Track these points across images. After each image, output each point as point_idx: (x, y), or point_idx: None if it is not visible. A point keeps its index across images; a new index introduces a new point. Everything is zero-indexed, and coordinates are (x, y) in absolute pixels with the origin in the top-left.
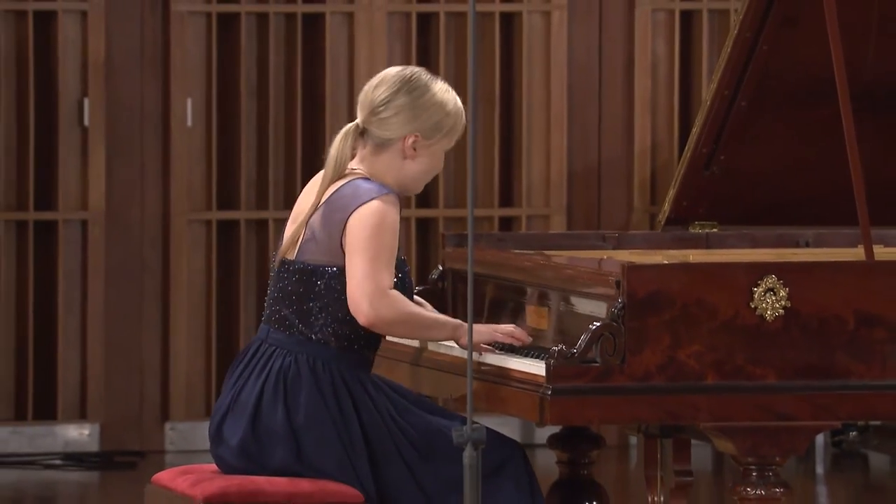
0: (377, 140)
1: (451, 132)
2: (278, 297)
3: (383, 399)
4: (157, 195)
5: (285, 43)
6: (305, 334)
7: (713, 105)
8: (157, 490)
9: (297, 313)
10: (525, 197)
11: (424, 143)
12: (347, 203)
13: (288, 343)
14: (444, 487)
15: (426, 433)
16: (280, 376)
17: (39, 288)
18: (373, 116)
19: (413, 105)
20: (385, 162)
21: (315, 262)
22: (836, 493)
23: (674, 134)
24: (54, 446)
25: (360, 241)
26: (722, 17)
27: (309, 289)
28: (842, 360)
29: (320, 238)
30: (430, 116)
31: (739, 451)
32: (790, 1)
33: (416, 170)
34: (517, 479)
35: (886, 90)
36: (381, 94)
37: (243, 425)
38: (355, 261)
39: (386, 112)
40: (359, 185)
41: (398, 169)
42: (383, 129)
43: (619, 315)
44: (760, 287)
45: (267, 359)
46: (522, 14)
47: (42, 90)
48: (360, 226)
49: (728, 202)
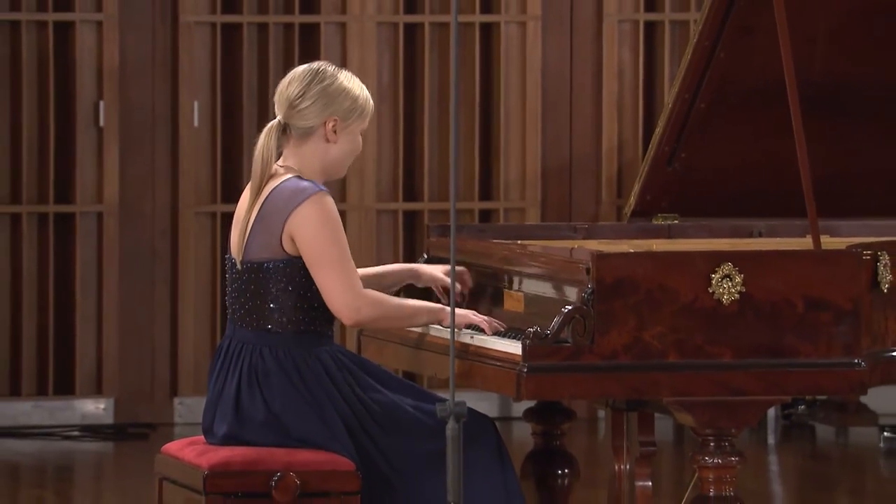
0: (300, 131)
1: (363, 113)
2: (235, 296)
3: (345, 375)
4: (166, 189)
5: (284, 51)
6: (263, 327)
7: (674, 107)
8: (167, 459)
9: (253, 309)
10: (503, 191)
11: (343, 125)
12: (283, 205)
13: (252, 338)
14: (408, 462)
15: (390, 410)
16: (251, 371)
17: (59, 275)
18: (291, 110)
19: (325, 92)
20: (311, 149)
21: (259, 259)
22: (785, 462)
23: (638, 134)
24: (72, 419)
25: (320, 251)
26: (682, 27)
27: (258, 285)
28: (791, 340)
29: (261, 237)
30: (343, 100)
31: (698, 423)
32: (745, 12)
33: (339, 152)
34: (489, 449)
35: (832, 93)
36: (295, 89)
37: (229, 419)
38: (323, 274)
39: (303, 103)
40: (290, 187)
41: (323, 153)
42: (304, 119)
43: (588, 299)
44: (718, 274)
45: (237, 356)
46: (500, 24)
47: (61, 94)
48: (311, 234)
49: (688, 196)
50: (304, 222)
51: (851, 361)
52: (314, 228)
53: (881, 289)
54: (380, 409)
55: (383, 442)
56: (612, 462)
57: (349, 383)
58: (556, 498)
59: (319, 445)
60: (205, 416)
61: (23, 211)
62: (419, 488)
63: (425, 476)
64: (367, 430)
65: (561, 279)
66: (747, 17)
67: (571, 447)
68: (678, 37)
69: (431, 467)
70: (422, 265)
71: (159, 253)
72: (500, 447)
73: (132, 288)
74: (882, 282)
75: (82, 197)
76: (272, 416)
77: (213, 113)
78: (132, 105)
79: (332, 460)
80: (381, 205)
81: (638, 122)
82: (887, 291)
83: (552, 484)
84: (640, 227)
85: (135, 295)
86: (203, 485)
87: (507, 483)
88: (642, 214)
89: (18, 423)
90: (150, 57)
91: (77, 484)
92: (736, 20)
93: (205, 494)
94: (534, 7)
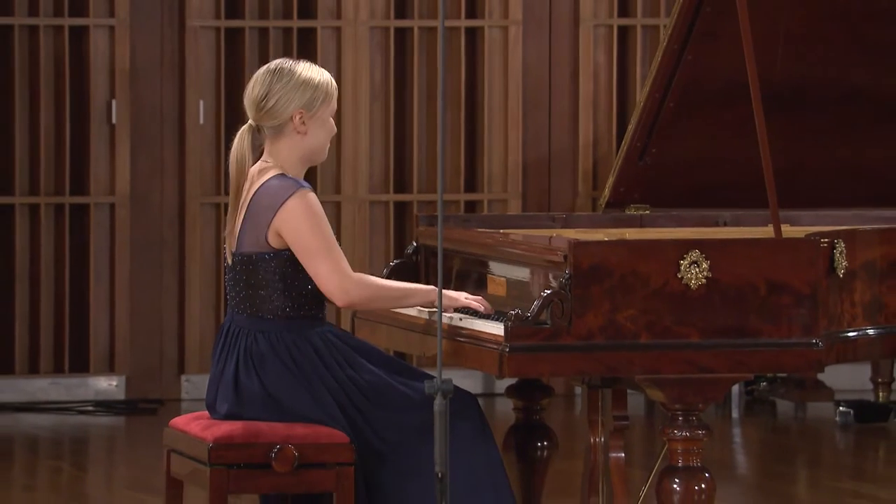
0: (272, 129)
1: (326, 98)
2: (231, 284)
3: (333, 353)
4: (173, 182)
5: (283, 53)
6: (257, 314)
7: (646, 106)
8: (174, 433)
9: (247, 297)
10: (486, 184)
11: (309, 115)
12: (269, 204)
13: (247, 324)
14: (398, 432)
15: (378, 386)
16: (247, 354)
17: (74, 261)
18: (260, 112)
19: (286, 88)
20: (286, 144)
21: (249, 251)
22: (748, 435)
23: (612, 130)
24: (87, 395)
25: (307, 242)
26: (653, 31)
27: (251, 275)
28: (754, 322)
29: (250, 232)
30: (304, 92)
31: (668, 399)
32: (710, 18)
33: (313, 140)
34: (473, 424)
35: (791, 91)
36: (259, 91)
37: (230, 398)
38: (314, 263)
39: (269, 103)
40: (273, 185)
41: (299, 145)
42: (273, 117)
43: (566, 284)
44: (686, 260)
45: (235, 339)
46: (484, 28)
47: (76, 93)
48: (297, 228)
49: (658, 188)
50: (290, 218)
51: (810, 341)
52: (299, 223)
53: (837, 274)
54: (369, 385)
55: (373, 416)
56: (588, 435)
57: (339, 363)
58: (536, 469)
59: (314, 423)
60: (208, 391)
61: (41, 202)
62: (408, 459)
63: (414, 448)
64: (358, 405)
65: (540, 265)
66: (712, 23)
67: (550, 421)
68: (649, 40)
69: (419, 439)
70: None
71: (167, 241)
72: (482, 421)
73: (142, 273)
74: (838, 267)
75: (96, 189)
76: (268, 395)
77: (217, 111)
78: (142, 104)
79: (328, 433)
80: (373, 196)
81: (612, 120)
82: (843, 276)
83: (532, 455)
84: (613, 217)
85: (144, 280)
86: (208, 456)
87: (489, 454)
88: (616, 205)
89: (37, 399)
90: (158, 59)
91: (91, 455)
92: (702, 26)
93: (209, 465)
94: (515, 12)
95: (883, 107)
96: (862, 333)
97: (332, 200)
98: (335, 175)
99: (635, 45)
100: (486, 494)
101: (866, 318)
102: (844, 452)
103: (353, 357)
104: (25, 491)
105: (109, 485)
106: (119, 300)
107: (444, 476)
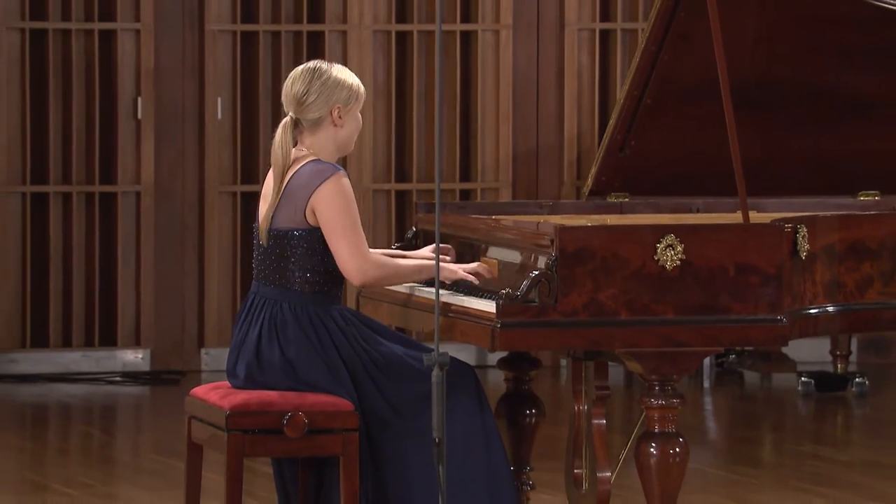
0: (311, 122)
1: (359, 97)
2: (261, 259)
3: (352, 329)
4: (194, 172)
5: (294, 54)
6: (285, 286)
7: (625, 102)
8: (194, 401)
9: (278, 270)
10: (480, 174)
11: (346, 110)
12: (307, 182)
13: (273, 294)
14: (406, 400)
15: (389, 357)
16: (272, 322)
17: (103, 244)
18: (300, 106)
19: (325, 86)
20: (323, 135)
21: (285, 227)
22: (718, 403)
23: (595, 125)
24: (115, 367)
25: (335, 222)
26: (632, 34)
27: (283, 249)
28: (724, 300)
29: (288, 210)
30: (341, 89)
31: (645, 370)
32: (684, 21)
33: (347, 132)
34: (469, 393)
35: (759, 89)
36: (299, 88)
37: (250, 363)
38: (337, 240)
39: (309, 98)
40: (313, 167)
41: (334, 136)
42: (313, 111)
43: (552, 265)
44: (662, 244)
45: (260, 308)
46: (478, 32)
47: (105, 91)
48: (329, 207)
49: (637, 178)
50: (325, 197)
51: (775, 318)
52: (332, 203)
53: (800, 256)
54: (383, 358)
55: (384, 384)
56: (573, 403)
57: (355, 336)
58: (525, 434)
59: (324, 389)
60: (229, 358)
61: (73, 190)
62: (412, 424)
63: (417, 414)
64: (371, 375)
65: (529, 248)
66: (686, 27)
67: (538, 391)
68: (628, 43)
69: (422, 406)
70: (443, 265)
71: (188, 226)
72: (478, 390)
73: (165, 256)
74: (801, 250)
75: (123, 178)
76: (286, 361)
77: (233, 107)
78: (165, 101)
79: (335, 402)
80: (377, 185)
81: (594, 115)
82: (805, 258)
83: (521, 422)
84: (596, 205)
85: (167, 261)
86: (225, 423)
87: (484, 420)
88: (598, 193)
89: (70, 371)
90: (180, 60)
91: (119, 422)
92: (677, 29)
93: (226, 431)
94: (506, 17)
95: (841, 104)
96: (822, 310)
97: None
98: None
99: (616, 47)
100: (481, 457)
101: (826, 297)
102: (806, 419)
103: (368, 333)
104: (59, 454)
105: (135, 449)
106: (144, 280)
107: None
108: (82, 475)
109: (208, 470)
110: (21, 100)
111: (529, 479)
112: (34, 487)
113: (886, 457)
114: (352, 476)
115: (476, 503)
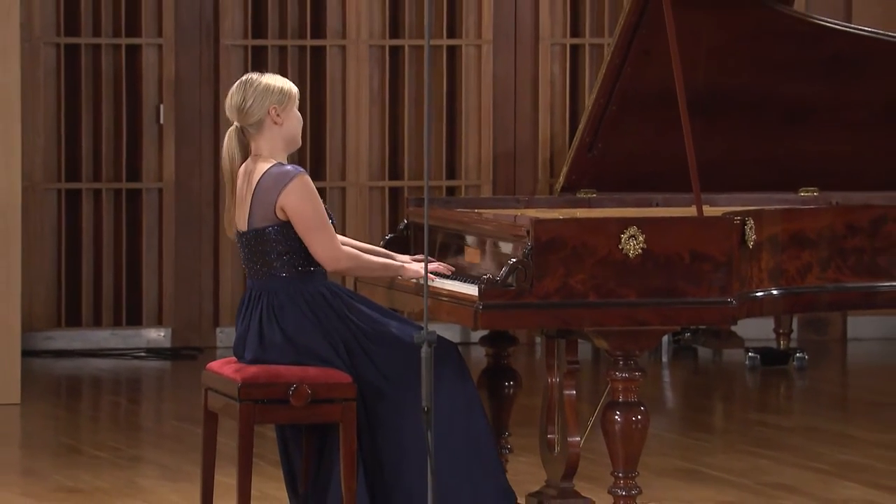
0: (254, 126)
1: (290, 96)
2: (248, 259)
3: (339, 302)
4: (210, 171)
5: (298, 65)
6: (273, 275)
7: (593, 109)
8: (211, 375)
9: (264, 263)
10: (464, 172)
11: (282, 108)
12: (274, 184)
13: (266, 285)
14: (393, 366)
15: (375, 326)
16: (269, 307)
17: (129, 235)
18: (241, 114)
19: (258, 91)
20: (269, 135)
21: (262, 225)
22: (675, 375)
23: (566, 129)
24: (140, 343)
25: (307, 220)
26: (599, 49)
27: (263, 245)
28: (681, 284)
29: (259, 211)
30: (273, 93)
31: (611, 347)
32: (645, 38)
33: (289, 128)
34: (454, 367)
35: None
36: (238, 98)
37: (254, 347)
38: (309, 234)
39: (247, 104)
40: (277, 170)
41: (280, 134)
42: (253, 115)
43: (528, 253)
44: (626, 234)
45: (257, 300)
46: (462, 46)
47: (131, 99)
48: (298, 207)
49: (604, 176)
50: (292, 197)
51: (725, 300)
52: (301, 203)
53: (748, 245)
54: (370, 328)
55: (375, 353)
56: (546, 376)
57: (344, 308)
58: (504, 404)
59: (324, 358)
60: (235, 346)
61: (103, 187)
62: (403, 393)
63: (408, 383)
64: (362, 345)
65: (508, 238)
66: (647, 42)
67: (515, 365)
68: (596, 56)
69: (412, 376)
70: (407, 265)
71: (205, 218)
72: (462, 365)
73: (184, 244)
74: (748, 240)
75: (147, 176)
76: (287, 338)
77: None
78: (184, 107)
79: (335, 375)
80: (372, 182)
81: (565, 120)
82: (752, 248)
83: (501, 393)
84: (567, 200)
85: (186, 250)
86: (237, 393)
87: (467, 391)
88: (569, 190)
89: (100, 347)
90: (197, 71)
91: (143, 392)
92: (639, 44)
93: (239, 401)
94: (486, 33)
95: (784, 110)
96: (767, 293)
97: (338, 186)
98: (341, 165)
99: (585, 60)
100: (463, 422)
101: (771, 281)
102: (753, 390)
103: (353, 304)
104: (91, 421)
105: (158, 416)
106: (166, 266)
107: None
108: (111, 440)
109: (223, 435)
110: (57, 107)
111: (508, 444)
112: (69, 450)
113: (823, 423)
114: (350, 440)
115: (461, 465)
